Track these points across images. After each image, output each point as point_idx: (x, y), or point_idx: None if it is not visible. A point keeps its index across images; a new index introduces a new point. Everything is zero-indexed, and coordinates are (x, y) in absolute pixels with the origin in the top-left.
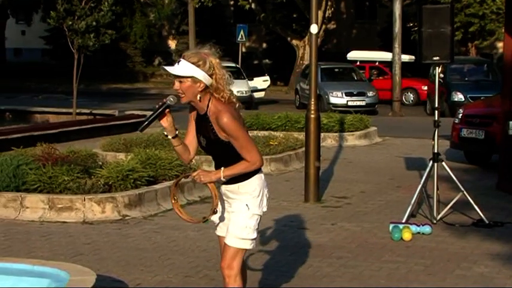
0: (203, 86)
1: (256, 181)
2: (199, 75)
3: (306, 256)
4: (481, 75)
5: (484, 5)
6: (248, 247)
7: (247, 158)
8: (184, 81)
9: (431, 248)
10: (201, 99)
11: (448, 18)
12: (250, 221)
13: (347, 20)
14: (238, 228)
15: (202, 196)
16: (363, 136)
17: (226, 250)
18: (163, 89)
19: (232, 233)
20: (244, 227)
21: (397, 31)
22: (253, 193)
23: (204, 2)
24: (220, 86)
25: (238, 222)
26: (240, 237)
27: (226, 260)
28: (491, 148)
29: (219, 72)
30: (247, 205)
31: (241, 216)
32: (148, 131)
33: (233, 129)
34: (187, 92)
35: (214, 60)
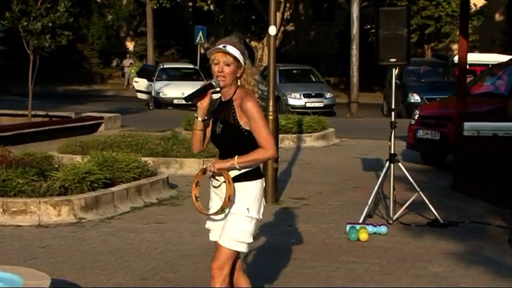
0: (241, 72)
1: (259, 185)
2: (243, 62)
3: (263, 257)
4: (437, 77)
5: (439, 7)
6: (244, 250)
7: (263, 144)
8: (231, 64)
9: (387, 248)
10: (232, 86)
11: (404, 20)
12: (249, 224)
13: (305, 21)
14: (237, 231)
15: (160, 198)
16: (321, 137)
17: (221, 251)
18: (120, 91)
19: (230, 235)
20: (243, 230)
21: (355, 33)
22: (254, 196)
23: (162, 3)
24: (250, 77)
25: (238, 225)
26: (237, 240)
27: (219, 261)
28: (446, 149)
29: (248, 63)
30: (248, 208)
31: (241, 219)
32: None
33: (256, 112)
34: (231, 75)
35: (246, 52)
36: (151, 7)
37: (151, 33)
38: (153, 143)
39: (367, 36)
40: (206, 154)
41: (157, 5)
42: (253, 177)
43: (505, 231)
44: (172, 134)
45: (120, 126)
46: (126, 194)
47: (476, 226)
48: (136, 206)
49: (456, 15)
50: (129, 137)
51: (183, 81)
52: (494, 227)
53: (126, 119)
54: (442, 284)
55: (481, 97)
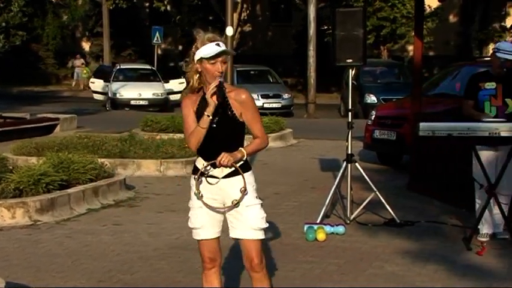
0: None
1: (253, 174)
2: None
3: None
4: (393, 78)
5: (395, 9)
6: (264, 236)
7: (259, 134)
8: (226, 61)
9: (345, 247)
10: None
11: (360, 21)
12: (262, 211)
13: (262, 22)
14: (260, 220)
15: (117, 199)
16: (278, 138)
17: (253, 246)
18: (76, 92)
19: (257, 226)
20: (263, 217)
21: (312, 34)
22: (254, 185)
23: (118, 3)
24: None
25: (258, 214)
26: (262, 228)
27: (258, 257)
28: (402, 149)
29: None
30: (257, 197)
31: (258, 208)
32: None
33: (253, 102)
34: (223, 70)
35: None
36: (107, 7)
37: (107, 33)
38: (110, 144)
39: (323, 37)
40: (163, 156)
41: (114, 5)
42: (249, 167)
43: (460, 230)
44: (130, 135)
45: (76, 127)
46: (83, 195)
47: (432, 225)
48: (93, 208)
49: (411, 16)
50: (86, 138)
51: (140, 82)
52: (449, 226)
53: (83, 120)
54: (399, 283)
55: (437, 97)
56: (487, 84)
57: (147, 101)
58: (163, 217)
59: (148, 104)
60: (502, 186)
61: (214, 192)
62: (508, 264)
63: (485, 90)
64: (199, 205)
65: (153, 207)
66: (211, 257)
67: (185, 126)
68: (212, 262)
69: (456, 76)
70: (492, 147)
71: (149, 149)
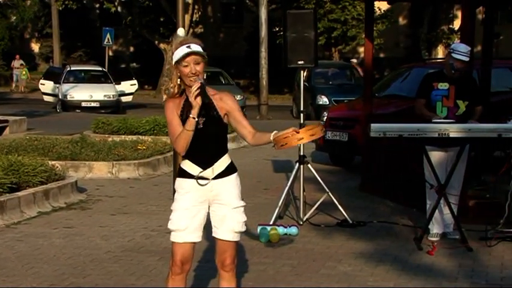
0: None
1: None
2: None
3: None
4: (345, 79)
5: (345, 11)
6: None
7: (250, 128)
8: (201, 62)
9: (298, 248)
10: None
11: (311, 23)
12: (244, 214)
13: (214, 24)
14: (240, 223)
15: (69, 202)
16: (231, 139)
17: (229, 247)
18: (26, 93)
19: (237, 229)
20: (243, 221)
21: (263, 35)
22: (239, 186)
23: (68, 4)
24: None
25: (241, 217)
26: (241, 231)
27: (231, 258)
28: (354, 150)
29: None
30: (243, 199)
31: (241, 212)
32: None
33: (237, 102)
34: (202, 72)
35: None
36: (57, 8)
37: (57, 34)
38: (60, 147)
39: (275, 39)
40: (115, 158)
41: (63, 6)
42: (235, 169)
43: (411, 230)
44: (81, 137)
45: (26, 130)
46: (33, 198)
47: (384, 225)
48: (43, 211)
49: (362, 18)
50: (36, 141)
51: (90, 84)
52: (400, 226)
53: (33, 122)
54: (351, 283)
55: (387, 99)
56: (440, 84)
57: (99, 103)
58: (116, 219)
59: (99, 106)
60: (452, 186)
61: (201, 193)
62: (458, 264)
63: (438, 91)
64: (184, 207)
65: (105, 209)
66: (183, 261)
67: (171, 130)
68: (182, 266)
69: (406, 77)
70: (442, 147)
71: (101, 151)
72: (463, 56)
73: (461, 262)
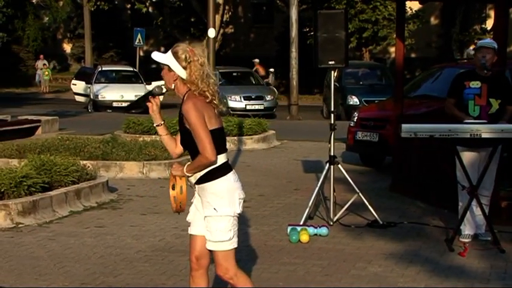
0: (176, 76)
1: (223, 183)
2: (173, 65)
3: None
4: (375, 79)
5: (376, 11)
6: (227, 248)
7: (200, 148)
8: (164, 68)
9: (328, 249)
10: (178, 88)
11: (342, 23)
12: (220, 223)
13: (245, 24)
14: (211, 232)
15: (100, 202)
16: (261, 140)
17: (215, 257)
18: (58, 94)
19: (210, 238)
20: (215, 230)
21: (294, 36)
22: (219, 194)
23: (99, 5)
24: (194, 81)
25: (210, 226)
26: (216, 241)
27: (219, 266)
28: (385, 150)
29: (194, 68)
30: (215, 209)
31: (212, 221)
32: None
33: (190, 115)
34: (165, 78)
35: (193, 55)
36: (89, 9)
37: (89, 35)
38: (92, 146)
39: (306, 39)
40: (146, 157)
41: (95, 6)
42: (214, 176)
43: (442, 231)
44: (112, 137)
45: (58, 130)
46: (65, 198)
47: (414, 226)
48: (75, 210)
49: (393, 18)
50: (67, 140)
51: (121, 84)
52: (431, 227)
53: (64, 122)
54: (382, 283)
55: (419, 99)
56: (472, 83)
57: (130, 103)
58: (147, 219)
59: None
60: (484, 187)
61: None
62: (489, 265)
63: (470, 89)
64: (193, 202)
65: (136, 209)
66: (196, 255)
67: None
68: (198, 262)
69: (438, 78)
70: (474, 148)
71: (132, 151)
72: (489, 43)
73: (493, 264)
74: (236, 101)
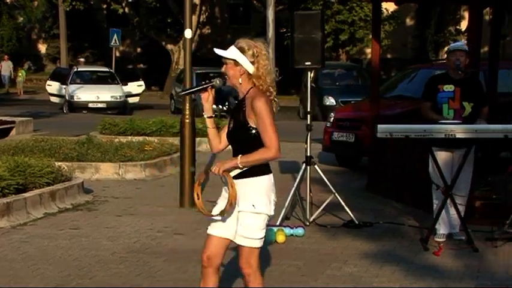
0: (243, 70)
1: (265, 181)
2: (241, 59)
3: (181, 261)
4: (351, 80)
5: (353, 12)
6: (256, 245)
7: (267, 143)
8: (227, 63)
9: (304, 249)
10: (242, 83)
11: (318, 24)
12: (257, 220)
13: (221, 24)
14: (245, 227)
15: (75, 203)
16: None
17: (241, 250)
18: (33, 95)
19: (241, 233)
20: (249, 226)
21: (271, 36)
22: (259, 191)
23: (75, 5)
24: (262, 76)
25: (245, 222)
26: (247, 237)
27: (243, 259)
28: (361, 151)
29: (263, 63)
30: (253, 205)
31: (248, 216)
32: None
33: (264, 110)
34: (230, 74)
35: (260, 50)
36: (64, 9)
37: (64, 35)
38: (67, 148)
39: (283, 40)
40: (122, 159)
41: (70, 6)
42: (258, 173)
43: (417, 231)
44: (87, 138)
45: (32, 131)
46: (40, 199)
47: (390, 226)
48: (50, 212)
49: (369, 19)
50: (42, 142)
51: (97, 85)
52: (407, 227)
53: (39, 123)
54: (358, 283)
55: (394, 100)
56: (446, 86)
57: (105, 104)
58: (122, 221)
59: (106, 107)
60: (458, 187)
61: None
62: (463, 264)
63: (444, 93)
64: (219, 200)
65: (111, 210)
66: (208, 254)
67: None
68: (208, 261)
69: (413, 79)
70: (448, 148)
71: (107, 152)
72: (461, 46)
73: (467, 263)
74: None
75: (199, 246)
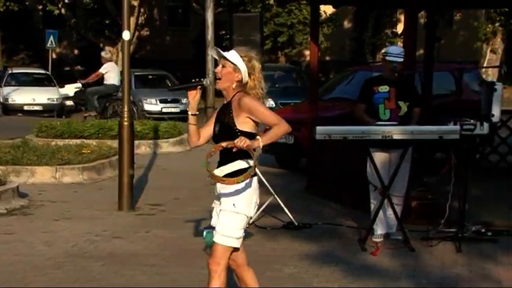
0: (240, 77)
1: (249, 183)
2: (242, 67)
3: (119, 265)
4: (290, 82)
5: (292, 14)
6: (234, 245)
7: (275, 121)
8: (227, 66)
9: None
10: (231, 88)
11: (257, 26)
12: (234, 220)
13: (160, 26)
14: (225, 226)
15: (9, 208)
16: (177, 143)
17: (215, 247)
18: None
19: (219, 231)
20: (230, 225)
21: (210, 39)
22: (242, 192)
23: (9, 5)
24: (256, 86)
25: (224, 220)
26: (225, 235)
27: (214, 257)
28: (300, 152)
29: (258, 76)
30: (233, 204)
31: (227, 215)
32: None
33: (253, 102)
34: (226, 77)
35: (256, 64)
36: None
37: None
38: (1, 151)
39: (222, 42)
40: (59, 162)
41: (4, 7)
42: (241, 174)
43: (355, 232)
44: (23, 141)
45: None
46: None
47: (328, 227)
48: None
49: (308, 22)
50: None
51: (33, 87)
52: (345, 227)
53: None
54: (298, 284)
55: (333, 102)
56: (381, 87)
57: (42, 106)
58: (59, 225)
59: (43, 110)
60: (395, 188)
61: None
62: (400, 264)
63: (379, 94)
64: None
65: (48, 215)
66: (232, 257)
67: None
68: (235, 262)
69: (351, 81)
70: (385, 149)
71: (44, 155)
72: (397, 58)
73: (403, 262)
74: (152, 104)
75: (138, 249)
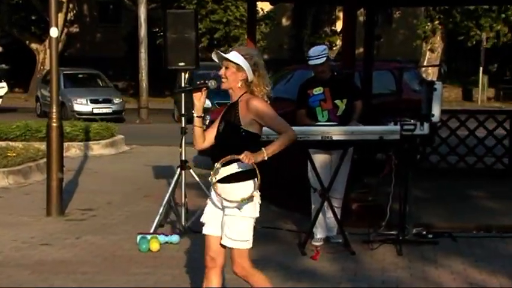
0: (245, 76)
1: (252, 184)
2: (245, 65)
3: (47, 273)
4: None
5: (228, 11)
6: (244, 247)
7: (282, 129)
8: (230, 67)
9: (179, 257)
10: (238, 89)
11: (192, 23)
12: (242, 224)
13: (91, 23)
14: (233, 231)
15: None
16: (109, 145)
17: (231, 253)
18: None
19: (229, 236)
20: (236, 229)
21: (143, 36)
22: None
23: None
24: (261, 84)
25: (231, 225)
26: (234, 239)
27: (235, 263)
28: None
29: (262, 72)
30: (238, 208)
31: (234, 219)
32: None
33: (263, 106)
34: (230, 77)
35: (259, 60)
36: None
37: None
38: None
39: (155, 39)
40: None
41: None
42: (245, 178)
43: (295, 235)
44: None
45: None
46: None
47: (268, 231)
48: None
49: (245, 19)
50: None
51: None
52: (284, 231)
53: None
54: None
55: (271, 101)
56: (315, 90)
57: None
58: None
59: None
60: (335, 190)
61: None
62: (341, 268)
63: (314, 96)
64: (208, 202)
65: None
66: (211, 255)
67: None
68: (213, 261)
69: (290, 80)
70: (325, 150)
71: None
72: (317, 60)
73: (344, 266)
74: (82, 105)
75: (68, 256)
